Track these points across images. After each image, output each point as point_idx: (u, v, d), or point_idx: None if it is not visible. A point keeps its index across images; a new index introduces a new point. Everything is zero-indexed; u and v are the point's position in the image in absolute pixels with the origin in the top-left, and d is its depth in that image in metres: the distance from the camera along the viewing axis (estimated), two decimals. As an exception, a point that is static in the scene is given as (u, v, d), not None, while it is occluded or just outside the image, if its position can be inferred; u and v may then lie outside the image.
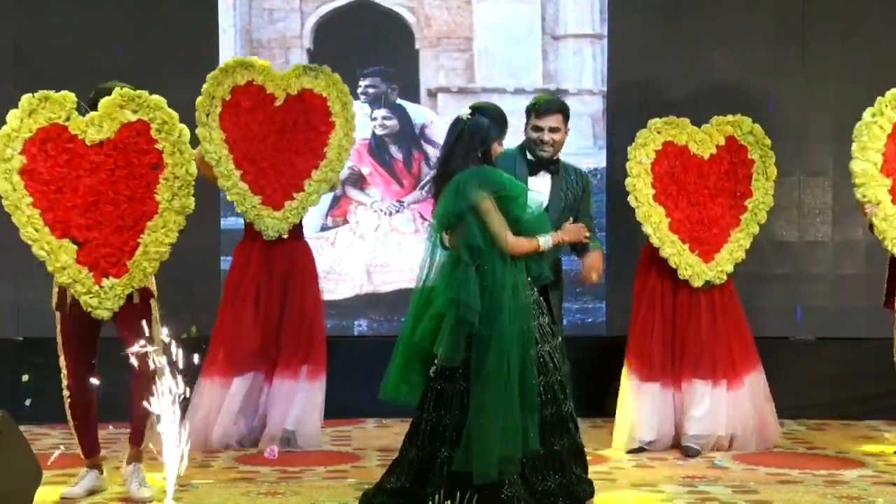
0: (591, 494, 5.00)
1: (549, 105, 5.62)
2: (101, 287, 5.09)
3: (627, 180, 6.37)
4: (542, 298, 5.04)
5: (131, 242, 5.11)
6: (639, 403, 6.42)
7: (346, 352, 6.76)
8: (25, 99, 5.07)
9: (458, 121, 4.94)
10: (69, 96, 5.11)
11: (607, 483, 5.38)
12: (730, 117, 6.62)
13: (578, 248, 5.57)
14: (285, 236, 6.50)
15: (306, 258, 6.61)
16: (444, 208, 4.86)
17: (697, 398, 6.38)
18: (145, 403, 4.96)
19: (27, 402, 6.87)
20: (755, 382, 6.56)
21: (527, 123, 5.67)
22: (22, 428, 4.68)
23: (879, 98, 5.60)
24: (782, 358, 7.56)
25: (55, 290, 5.27)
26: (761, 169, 6.52)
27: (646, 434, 6.40)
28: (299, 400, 6.44)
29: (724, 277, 6.50)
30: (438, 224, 4.91)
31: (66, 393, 5.33)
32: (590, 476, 5.05)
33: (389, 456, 6.14)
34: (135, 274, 5.12)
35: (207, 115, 6.43)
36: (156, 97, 5.17)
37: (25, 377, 7.05)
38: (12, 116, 5.06)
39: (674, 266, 6.38)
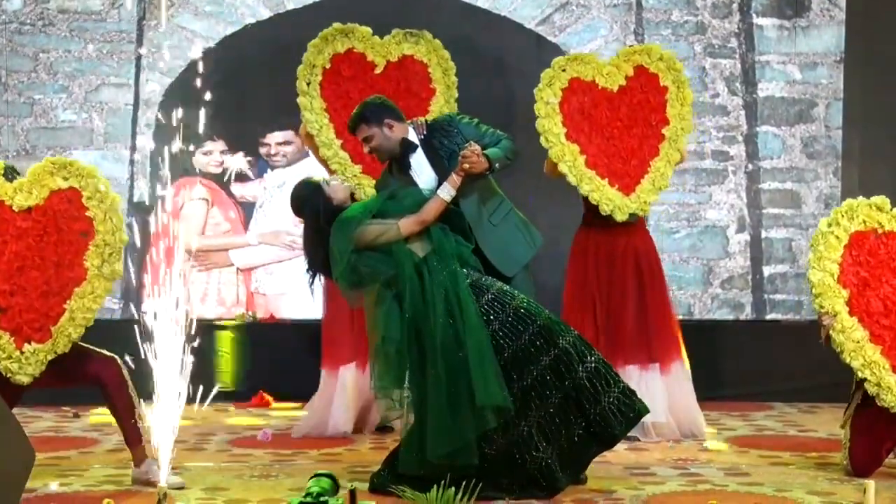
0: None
1: (350, 124, 5.58)
2: (22, 353, 5.00)
3: (537, 122, 6.22)
4: (485, 279, 5.10)
5: (57, 308, 5.01)
6: None
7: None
8: None
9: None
10: None
11: (600, 466, 5.38)
12: (636, 46, 6.57)
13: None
14: None
15: None
16: (336, 273, 4.99)
17: (632, 384, 6.10)
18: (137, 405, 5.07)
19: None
20: (679, 370, 6.41)
21: None
22: (14, 411, 4.68)
23: (836, 209, 5.56)
24: (776, 341, 7.57)
25: None
26: (675, 95, 6.40)
27: None
28: None
29: (647, 209, 6.41)
30: (344, 287, 5.03)
31: None
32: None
33: (382, 439, 6.19)
34: (59, 339, 5.01)
35: (308, 84, 6.35)
36: (88, 166, 5.14)
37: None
38: None
39: (594, 202, 6.24)
